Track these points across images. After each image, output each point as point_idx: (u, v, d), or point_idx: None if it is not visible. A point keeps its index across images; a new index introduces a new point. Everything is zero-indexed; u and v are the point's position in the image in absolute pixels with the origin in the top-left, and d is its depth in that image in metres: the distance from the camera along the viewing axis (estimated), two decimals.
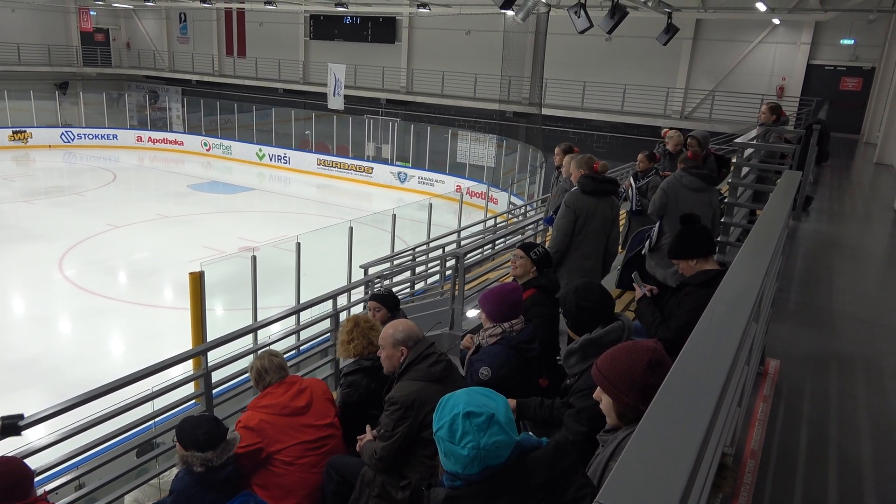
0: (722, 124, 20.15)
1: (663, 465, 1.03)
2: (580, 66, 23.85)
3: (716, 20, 21.43)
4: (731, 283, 1.90)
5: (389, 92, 28.18)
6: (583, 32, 13.83)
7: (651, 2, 16.69)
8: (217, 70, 33.64)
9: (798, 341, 4.49)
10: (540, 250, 3.99)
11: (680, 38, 19.86)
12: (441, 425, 1.73)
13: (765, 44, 21.40)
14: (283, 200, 23.32)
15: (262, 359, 3.55)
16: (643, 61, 22.80)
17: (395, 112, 27.58)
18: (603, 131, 23.49)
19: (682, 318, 3.20)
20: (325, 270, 11.66)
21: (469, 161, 24.46)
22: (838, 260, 6.61)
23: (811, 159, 7.51)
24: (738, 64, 21.82)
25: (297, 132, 28.27)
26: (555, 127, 23.21)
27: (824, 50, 20.71)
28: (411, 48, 28.12)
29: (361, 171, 26.21)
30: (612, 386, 1.97)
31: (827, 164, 11.60)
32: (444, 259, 8.81)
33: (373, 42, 28.78)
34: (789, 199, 3.66)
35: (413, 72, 28.04)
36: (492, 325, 3.36)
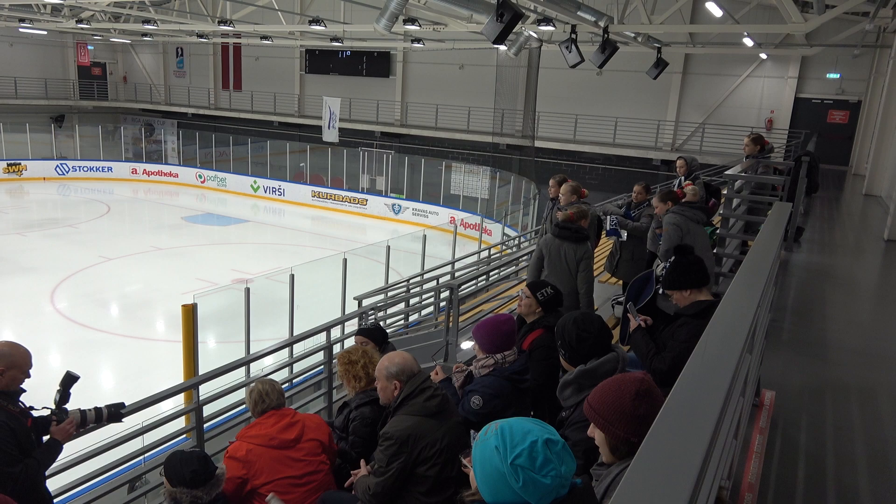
0: (712, 156, 20.38)
1: (659, 500, 1.02)
2: (572, 99, 24.19)
3: (704, 55, 21.84)
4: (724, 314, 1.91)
5: (384, 125, 28.44)
6: (574, 67, 14.06)
7: (640, 37, 17.02)
8: (213, 103, 33.91)
9: (793, 372, 4.48)
10: (548, 291, 3.95)
11: (669, 72, 20.22)
12: (519, 452, 1.62)
13: (752, 78, 21.80)
14: (278, 232, 23.31)
15: (265, 383, 3.54)
16: (634, 95, 23.15)
17: (390, 144, 27.79)
18: (595, 163, 23.71)
19: (676, 349, 3.20)
20: (319, 302, 11.59)
21: (463, 193, 24.60)
22: (830, 290, 6.64)
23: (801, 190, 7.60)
24: (727, 97, 22.18)
25: (292, 164, 28.41)
26: (547, 159, 23.43)
27: (811, 84, 21.11)
28: (405, 82, 28.48)
29: (356, 203, 26.29)
30: (602, 419, 1.96)
31: (817, 195, 11.72)
32: (439, 291, 8.80)
33: (367, 76, 29.14)
34: (780, 230, 3.69)
35: (407, 105, 28.36)
36: (485, 355, 3.35)
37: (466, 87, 26.36)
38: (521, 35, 16.97)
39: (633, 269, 6.24)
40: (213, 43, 31.29)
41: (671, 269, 3.43)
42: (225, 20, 19.40)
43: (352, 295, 9.32)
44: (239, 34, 24.19)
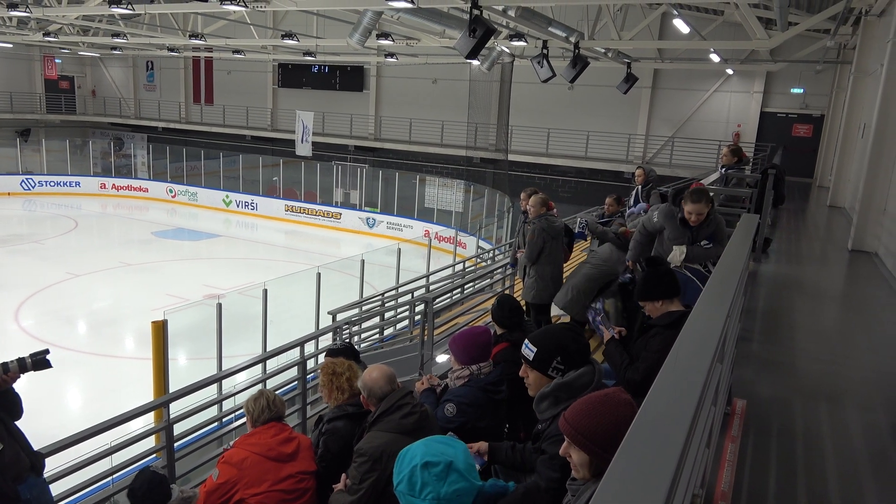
0: (682, 169, 20.74)
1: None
2: (544, 113, 24.46)
3: (673, 70, 22.29)
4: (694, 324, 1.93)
5: (357, 139, 28.43)
6: (546, 81, 14.25)
7: (611, 53, 17.32)
8: (184, 117, 33.58)
9: (763, 380, 4.55)
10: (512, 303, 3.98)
11: (639, 87, 20.58)
12: (400, 479, 1.67)
13: (720, 92, 22.29)
14: (251, 247, 23.07)
15: (271, 393, 3.53)
16: (605, 109, 23.50)
17: (364, 158, 27.77)
18: (568, 176, 23.97)
19: (649, 360, 3.25)
20: (293, 317, 11.49)
21: (437, 206, 24.65)
22: (798, 300, 6.77)
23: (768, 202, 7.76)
24: (696, 111, 22.64)
25: (265, 178, 28.21)
26: (521, 172, 23.61)
27: (776, 98, 21.66)
28: (379, 96, 28.53)
29: (330, 217, 26.17)
30: (592, 444, 1.86)
31: (783, 207, 11.98)
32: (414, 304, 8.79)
33: (341, 90, 29.14)
34: (748, 242, 3.76)
35: (381, 119, 28.40)
36: (460, 367, 3.35)
37: (440, 101, 26.50)
38: (494, 50, 17.14)
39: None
40: (185, 56, 31.03)
41: (643, 281, 3.48)
42: (196, 34, 19.27)
43: (326, 309, 9.26)
44: (210, 48, 24.05)
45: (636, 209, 7.81)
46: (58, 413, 10.16)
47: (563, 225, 6.33)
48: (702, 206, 4.55)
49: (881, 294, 6.95)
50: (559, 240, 6.17)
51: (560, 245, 6.21)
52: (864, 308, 6.66)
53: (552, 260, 6.10)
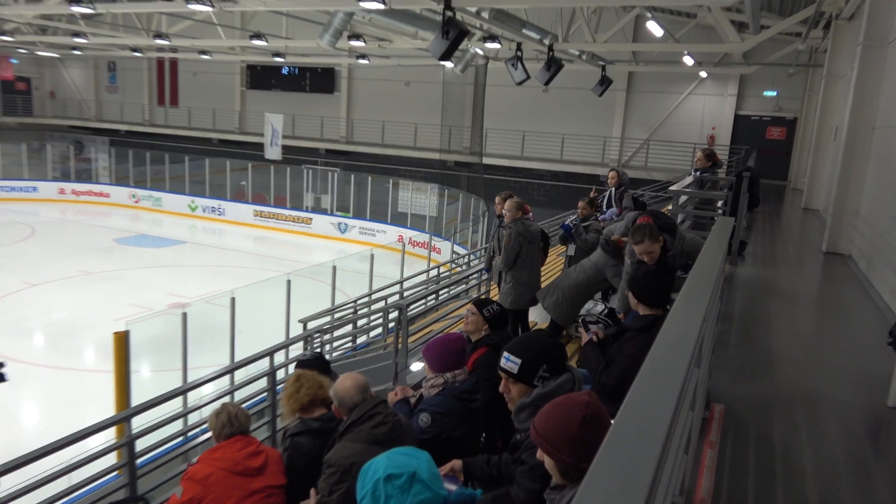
0: (657, 172, 21.04)
1: None
2: (519, 116, 24.61)
3: (647, 73, 22.62)
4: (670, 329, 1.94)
5: (329, 142, 28.29)
6: (520, 84, 14.33)
7: (585, 55, 17.51)
8: (147, 119, 33.11)
9: (741, 385, 4.61)
10: (494, 308, 3.98)
11: (614, 89, 20.81)
12: (364, 494, 1.66)
13: (694, 95, 22.66)
14: (217, 254, 22.80)
15: (234, 406, 3.47)
16: (580, 111, 23.73)
17: (335, 162, 27.64)
18: (543, 179, 24.13)
19: (623, 364, 3.30)
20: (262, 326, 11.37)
21: (411, 211, 24.62)
22: (774, 303, 6.89)
23: (743, 205, 7.89)
24: (670, 114, 22.98)
25: (233, 183, 27.93)
26: (496, 176, 23.70)
27: (750, 101, 22.09)
28: (350, 98, 28.45)
29: (300, 223, 25.98)
30: (549, 446, 1.93)
31: (758, 209, 12.20)
32: (387, 311, 8.75)
33: (311, 92, 28.99)
34: (724, 245, 3.81)
35: (353, 122, 28.32)
36: (434, 375, 3.33)
37: (413, 103, 26.51)
38: (468, 52, 17.22)
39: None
40: (148, 57, 30.61)
41: (643, 273, 3.57)
42: (161, 34, 19.00)
43: (296, 318, 9.20)
44: (176, 49, 23.73)
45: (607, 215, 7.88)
46: (13, 429, 9.89)
47: (539, 229, 6.36)
48: (647, 244, 4.18)
49: (855, 296, 7.10)
50: (535, 244, 6.19)
51: (536, 249, 6.24)
52: (839, 310, 6.80)
53: (529, 264, 6.12)
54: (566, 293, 5.95)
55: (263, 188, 27.39)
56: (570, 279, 6.03)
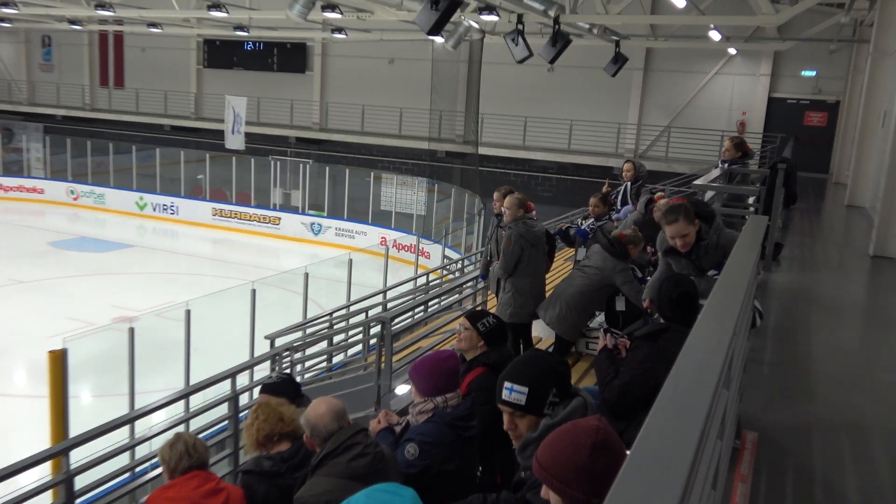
0: (680, 163, 21.13)
1: None
2: (520, 99, 24.68)
3: (667, 49, 22.73)
4: (695, 344, 1.95)
5: (299, 129, 28.25)
6: (522, 62, 14.37)
7: (596, 29, 17.57)
8: (88, 103, 32.99)
9: (776, 409, 4.63)
10: (490, 321, 3.98)
11: (630, 68, 20.92)
12: None
13: (721, 75, 22.80)
14: (170, 259, 22.72)
15: (191, 436, 3.46)
16: (591, 94, 23.83)
17: (307, 152, 27.59)
18: (548, 172, 24.19)
19: (626, 377, 3.42)
20: (222, 343, 11.35)
21: (395, 209, 24.60)
22: (814, 314, 6.93)
23: (778, 202, 7.94)
24: (695, 97, 23.10)
25: (188, 177, 27.83)
26: (494, 168, 23.74)
27: (785, 82, 22.23)
28: (325, 78, 28.43)
29: (266, 223, 25.92)
30: (555, 479, 1.92)
31: (795, 207, 12.27)
32: (368, 325, 8.73)
33: (279, 71, 28.95)
34: (756, 248, 3.83)
35: (327, 106, 28.29)
36: (423, 399, 3.33)
37: (397, 84, 26.52)
38: (461, 25, 17.25)
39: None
40: (89, 31, 30.49)
41: (664, 281, 3.72)
42: (103, 3, 18.93)
43: (262, 333, 9.18)
44: (121, 21, 23.66)
45: (622, 213, 7.92)
46: None
47: (543, 230, 6.37)
48: (681, 225, 4.33)
49: None
50: (539, 247, 6.20)
51: (541, 253, 6.25)
52: (888, 322, 6.84)
53: (531, 271, 6.13)
54: (570, 303, 5.96)
55: (224, 183, 27.29)
56: (573, 287, 6.03)
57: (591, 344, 6.39)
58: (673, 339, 3.46)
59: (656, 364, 3.41)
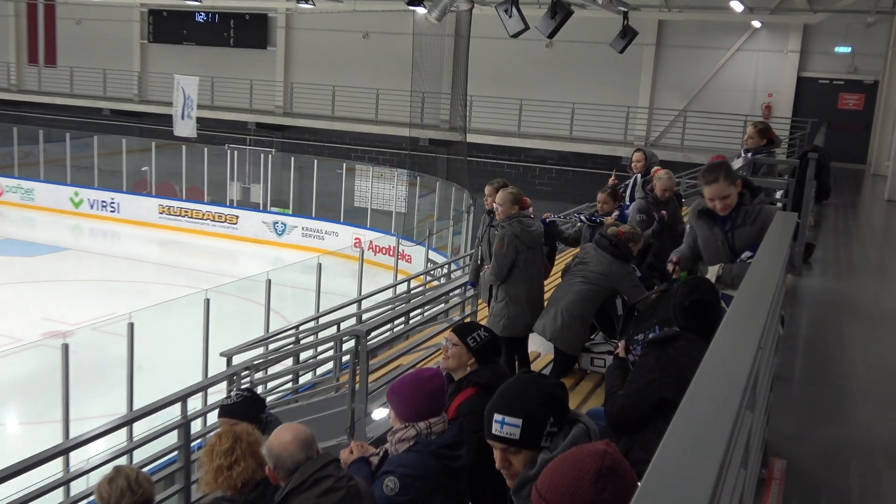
0: (697, 153, 21.22)
1: None
2: (515, 80, 24.71)
3: (683, 22, 22.84)
4: (715, 360, 1.96)
5: (260, 113, 28.16)
6: (516, 36, 14.40)
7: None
8: (14, 84, 32.77)
9: (808, 432, 4.66)
10: (482, 335, 3.98)
11: (640, 44, 20.97)
12: None
13: (744, 52, 22.92)
14: (110, 264, 22.64)
15: (132, 470, 3.45)
16: (595, 74, 23.89)
17: (269, 140, 27.50)
18: (547, 163, 24.23)
19: (630, 389, 3.50)
20: (171, 362, 11.29)
21: (371, 205, 24.56)
22: (851, 325, 6.98)
23: (809, 197, 8.00)
24: (714, 77, 23.21)
25: (131, 169, 27.66)
26: (485, 158, 23.76)
27: (817, 60, 22.37)
28: (290, 55, 28.35)
29: (222, 222, 25.81)
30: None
31: (828, 202, 12.38)
32: (340, 340, 8.72)
33: (237, 47, 28.85)
34: (784, 248, 3.86)
35: (292, 86, 28.22)
36: (403, 425, 3.33)
37: (373, 62, 26.50)
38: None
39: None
40: (15, 0, 30.30)
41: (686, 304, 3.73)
42: None
43: (217, 350, 9.14)
44: None
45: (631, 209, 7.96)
46: None
47: (541, 229, 6.38)
48: (722, 185, 4.49)
49: None
50: (537, 250, 6.21)
51: (538, 256, 6.26)
52: None
53: (527, 276, 6.14)
54: (572, 312, 5.97)
55: (172, 176, 27.15)
56: (571, 293, 6.04)
57: (597, 360, 6.42)
58: (683, 350, 3.51)
59: (662, 376, 3.47)
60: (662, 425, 1.57)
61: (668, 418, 1.55)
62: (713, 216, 4.63)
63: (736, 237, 4.61)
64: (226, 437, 3.64)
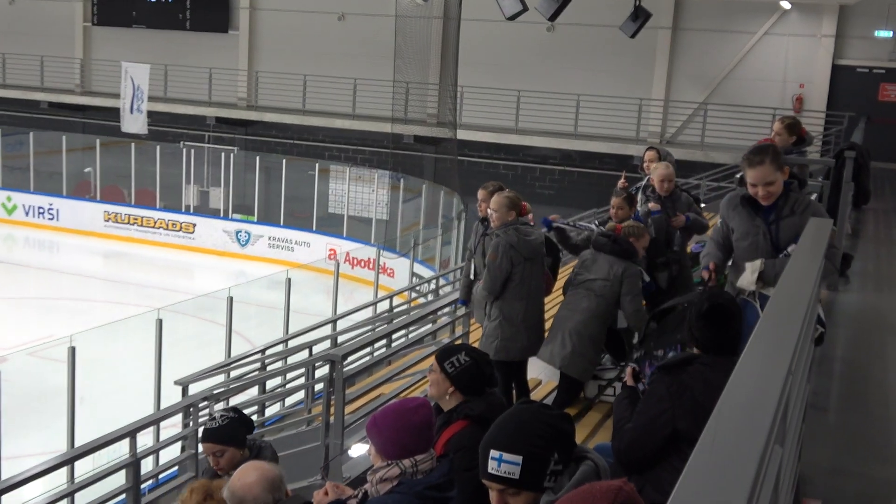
0: (719, 152, 21.29)
1: None
2: (512, 68, 24.77)
3: (702, 2, 22.93)
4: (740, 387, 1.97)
5: (221, 106, 28.12)
6: (513, 19, 14.45)
7: None
8: None
9: (846, 468, 4.67)
10: (461, 359, 3.97)
11: (654, 27, 21.07)
12: None
13: (772, 36, 22.99)
14: (48, 279, 22.60)
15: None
16: (603, 62, 23.96)
17: (231, 137, 27.48)
18: (549, 163, 24.26)
19: (639, 422, 3.52)
20: (119, 391, 11.24)
21: (348, 212, 24.55)
22: (894, 345, 7.01)
23: (846, 201, 8.05)
24: (738, 65, 23.29)
25: (72, 170, 27.59)
26: (478, 158, 23.78)
27: (854, 45, 22.49)
28: (254, 40, 28.36)
29: (177, 231, 25.75)
30: None
31: (868, 206, 12.45)
32: (313, 366, 8.70)
33: (193, 30, 28.85)
34: (818, 259, 3.88)
35: (258, 76, 28.21)
36: (385, 463, 3.33)
37: (350, 48, 26.51)
38: None
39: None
40: None
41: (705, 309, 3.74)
42: None
43: (172, 377, 9.12)
44: None
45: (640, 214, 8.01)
46: None
47: (541, 238, 6.39)
48: (767, 169, 4.50)
49: None
50: (537, 262, 6.22)
51: (538, 270, 6.26)
52: None
53: (525, 292, 6.14)
54: (581, 333, 5.97)
55: (120, 178, 27.09)
56: (580, 312, 6.05)
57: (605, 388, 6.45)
58: (699, 375, 3.51)
59: (675, 405, 3.47)
60: (677, 462, 1.58)
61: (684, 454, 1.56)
62: (755, 205, 4.64)
63: (781, 229, 4.63)
64: (197, 491, 3.63)
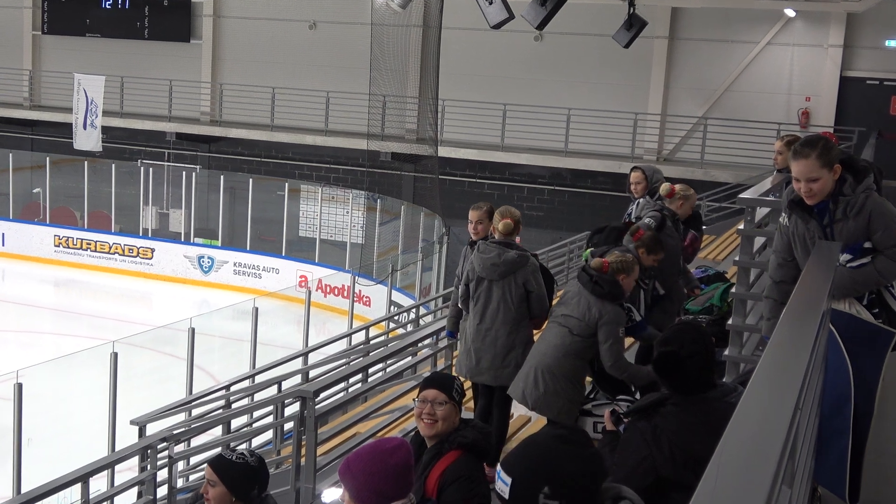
0: (720, 170, 21.41)
1: None
2: (498, 81, 24.85)
3: (701, 10, 23.11)
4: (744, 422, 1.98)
5: (182, 122, 28.08)
6: (498, 27, 14.53)
7: None
8: None
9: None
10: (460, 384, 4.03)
11: (650, 36, 21.20)
12: None
13: (776, 46, 23.17)
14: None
15: None
16: (596, 73, 24.10)
17: (193, 154, 27.45)
18: (538, 182, 24.31)
19: (619, 475, 3.45)
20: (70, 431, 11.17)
21: (320, 235, 24.53)
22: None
23: None
24: (739, 77, 23.43)
25: (20, 190, 27.51)
26: (461, 177, 23.82)
27: (863, 56, 22.68)
28: (218, 50, 28.39)
29: (133, 256, 25.67)
30: None
31: None
32: (282, 403, 8.68)
33: (153, 39, 28.83)
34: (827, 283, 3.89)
35: (222, 88, 28.21)
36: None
37: (322, 59, 26.55)
38: None
39: None
40: None
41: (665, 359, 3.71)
42: None
43: (128, 416, 9.07)
44: None
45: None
46: None
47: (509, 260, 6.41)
48: (810, 164, 4.28)
49: None
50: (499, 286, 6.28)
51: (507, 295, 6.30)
52: None
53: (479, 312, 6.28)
54: (553, 372, 5.86)
55: (72, 200, 27.00)
56: (553, 349, 5.96)
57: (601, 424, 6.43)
58: (672, 416, 3.56)
59: (654, 453, 3.50)
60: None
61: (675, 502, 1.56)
62: (807, 206, 4.45)
63: (836, 234, 4.47)
64: None
